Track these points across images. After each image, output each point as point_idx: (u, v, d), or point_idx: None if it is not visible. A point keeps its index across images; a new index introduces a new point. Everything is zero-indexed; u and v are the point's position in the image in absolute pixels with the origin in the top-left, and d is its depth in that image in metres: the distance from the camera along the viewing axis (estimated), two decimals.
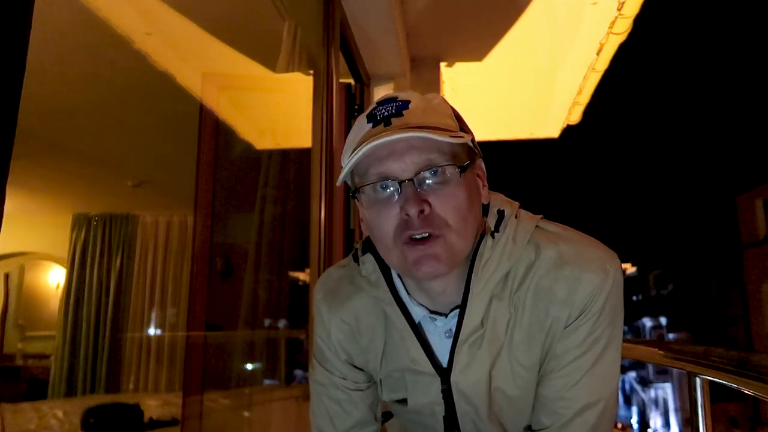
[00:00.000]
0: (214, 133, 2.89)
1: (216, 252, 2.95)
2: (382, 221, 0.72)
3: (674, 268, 30.42)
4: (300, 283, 3.29)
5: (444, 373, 0.78)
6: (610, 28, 2.97)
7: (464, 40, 3.16)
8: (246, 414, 2.94)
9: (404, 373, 0.82)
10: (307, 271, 2.38)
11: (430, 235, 0.70)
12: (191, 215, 3.03)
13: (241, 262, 3.07)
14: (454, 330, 0.77)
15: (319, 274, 2.04)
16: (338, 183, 0.77)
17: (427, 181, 0.71)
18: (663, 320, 29.14)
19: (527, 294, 0.76)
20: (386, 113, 0.72)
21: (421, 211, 0.69)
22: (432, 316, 0.78)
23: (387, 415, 1.03)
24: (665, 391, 27.95)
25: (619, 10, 2.83)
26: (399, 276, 0.81)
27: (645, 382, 29.47)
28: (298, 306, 3.09)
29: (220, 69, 2.95)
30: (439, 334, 0.79)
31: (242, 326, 2.97)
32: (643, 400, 30.01)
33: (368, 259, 0.81)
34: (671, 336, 27.68)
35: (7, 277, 6.72)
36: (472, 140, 0.76)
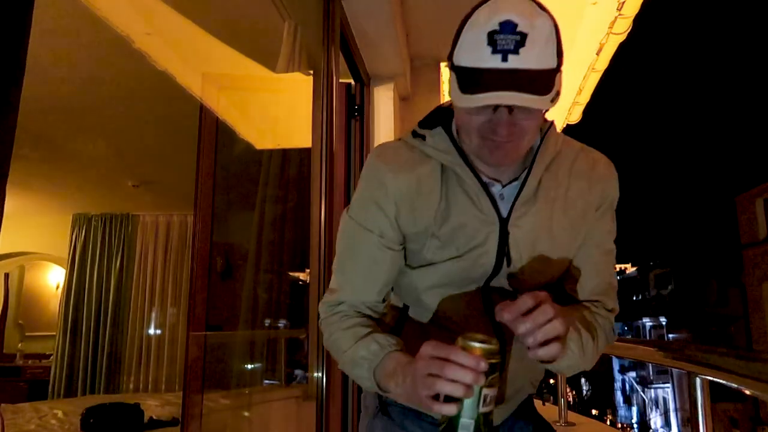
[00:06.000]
0: (214, 133, 2.89)
1: (216, 252, 2.96)
2: (473, 121, 0.86)
3: (674, 268, 30.40)
4: (300, 283, 3.29)
5: (503, 223, 0.95)
6: (610, 28, 2.97)
7: None
8: (246, 414, 2.94)
9: (466, 226, 0.94)
10: (307, 271, 2.38)
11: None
12: (191, 215, 3.03)
13: (241, 262, 3.08)
14: (505, 195, 0.95)
15: (319, 274, 2.05)
16: (446, 63, 0.90)
17: (520, 113, 0.84)
18: (663, 320, 29.11)
19: (569, 173, 0.99)
20: (505, 47, 0.79)
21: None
22: (490, 181, 0.95)
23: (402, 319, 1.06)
24: (665, 391, 27.94)
25: (619, 10, 2.83)
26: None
27: (645, 382, 29.46)
28: (298, 306, 3.09)
29: (220, 69, 2.95)
30: (496, 195, 0.96)
31: (242, 326, 2.97)
32: (643, 400, 30.00)
33: (439, 132, 0.97)
34: (671, 336, 27.66)
35: (7, 277, 6.72)
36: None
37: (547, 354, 0.79)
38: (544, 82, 0.80)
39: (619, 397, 32.47)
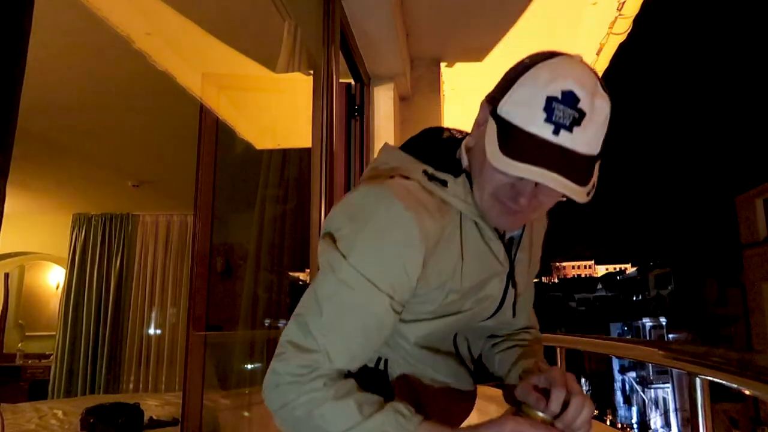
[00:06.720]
0: (214, 133, 2.89)
1: (216, 252, 2.96)
2: (495, 179, 0.82)
3: (674, 268, 30.41)
4: (300, 283, 3.29)
5: (511, 272, 0.96)
6: (610, 28, 2.98)
7: (464, 40, 3.15)
8: (246, 414, 2.95)
9: (487, 278, 0.92)
10: (307, 271, 2.38)
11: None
12: (191, 215, 3.03)
13: (241, 262, 3.08)
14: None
15: None
16: (498, 111, 0.80)
17: (546, 189, 0.80)
18: (663, 320, 29.13)
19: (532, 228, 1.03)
20: (561, 120, 0.75)
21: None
22: None
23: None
24: (665, 391, 27.94)
25: (619, 10, 2.83)
26: None
27: (645, 382, 29.47)
28: None
29: (220, 69, 2.95)
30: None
31: (242, 326, 2.97)
32: (643, 400, 30.01)
33: (463, 180, 0.88)
34: (671, 336, 27.67)
35: (7, 277, 6.72)
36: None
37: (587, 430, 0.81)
38: (587, 170, 0.77)
39: (619, 397, 32.49)
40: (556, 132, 0.74)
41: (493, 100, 0.82)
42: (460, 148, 0.92)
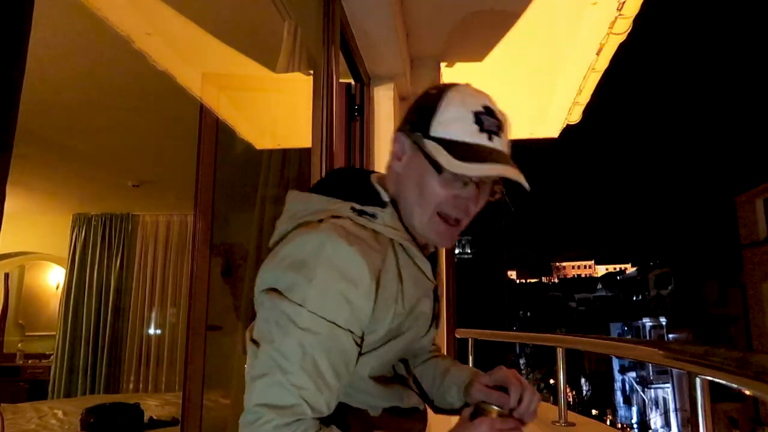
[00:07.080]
0: (214, 133, 2.89)
1: (216, 252, 2.95)
2: (440, 194, 0.91)
3: (674, 268, 30.41)
4: None
5: (435, 288, 1.03)
6: (610, 28, 2.97)
7: (464, 40, 3.15)
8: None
9: (421, 299, 0.96)
10: None
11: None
12: (191, 215, 3.03)
13: (241, 262, 3.08)
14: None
15: None
16: (431, 134, 0.90)
17: (483, 194, 0.94)
18: (663, 320, 29.12)
19: None
20: (491, 128, 0.90)
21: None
22: None
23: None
24: (665, 391, 27.95)
25: (619, 10, 2.83)
26: None
27: (645, 382, 29.47)
28: None
29: (220, 69, 2.95)
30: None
31: (242, 326, 2.97)
32: (643, 400, 30.01)
33: (390, 210, 0.94)
34: (671, 336, 27.67)
35: (7, 277, 6.72)
36: None
37: (535, 416, 0.94)
38: (515, 166, 0.89)
39: (619, 397, 32.49)
40: (490, 139, 0.89)
41: (414, 127, 0.93)
42: (371, 182, 1.00)
